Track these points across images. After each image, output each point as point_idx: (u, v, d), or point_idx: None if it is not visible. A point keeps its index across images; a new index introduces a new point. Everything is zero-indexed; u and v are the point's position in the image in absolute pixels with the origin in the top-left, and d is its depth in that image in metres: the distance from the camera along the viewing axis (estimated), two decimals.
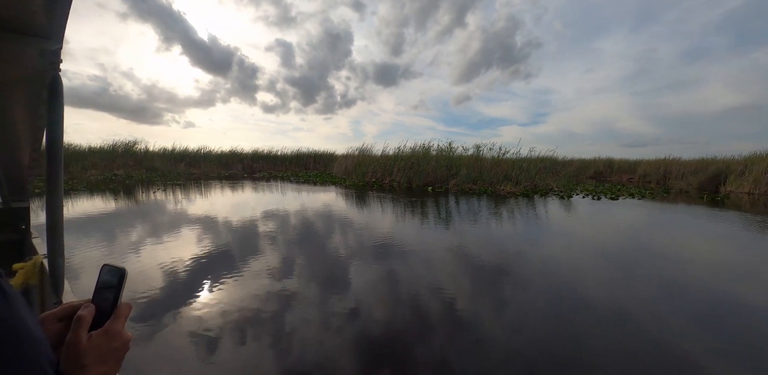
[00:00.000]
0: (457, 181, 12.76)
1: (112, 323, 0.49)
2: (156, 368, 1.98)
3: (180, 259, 3.87)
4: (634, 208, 8.74)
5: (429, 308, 2.81)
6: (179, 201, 8.18)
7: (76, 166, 16.49)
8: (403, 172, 13.55)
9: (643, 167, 20.16)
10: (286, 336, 2.32)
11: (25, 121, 1.17)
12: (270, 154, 24.68)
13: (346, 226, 5.84)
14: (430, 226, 5.97)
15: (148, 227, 5.48)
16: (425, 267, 3.80)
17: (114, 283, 0.50)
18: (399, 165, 13.85)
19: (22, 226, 1.89)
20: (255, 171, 22.60)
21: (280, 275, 3.46)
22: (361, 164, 14.94)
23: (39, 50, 0.80)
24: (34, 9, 0.69)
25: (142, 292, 2.96)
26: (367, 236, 5.11)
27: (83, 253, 3.98)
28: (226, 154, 22.74)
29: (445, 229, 5.69)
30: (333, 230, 5.51)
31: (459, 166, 13.72)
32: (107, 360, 0.47)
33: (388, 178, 13.71)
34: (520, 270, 3.75)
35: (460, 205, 8.44)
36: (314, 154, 25.89)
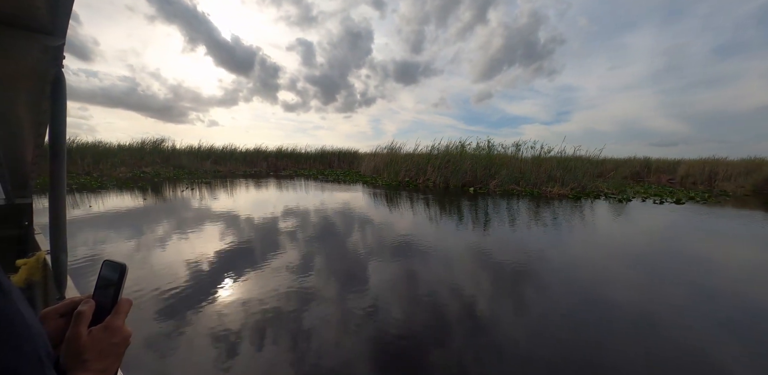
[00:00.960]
0: (498, 182, 11.93)
1: (112, 319, 0.49)
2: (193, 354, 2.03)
3: (223, 261, 3.36)
4: (713, 215, 7.74)
5: (487, 333, 2.22)
6: (211, 200, 7.71)
7: (106, 164, 16.50)
8: (438, 172, 12.80)
9: (685, 167, 18.67)
10: (327, 335, 2.19)
11: (27, 117, 1.16)
12: (294, 152, 24.38)
13: (390, 230, 5.19)
14: (488, 233, 5.25)
15: (182, 225, 5.04)
16: (491, 285, 3.09)
17: (115, 279, 0.50)
18: (434, 164, 13.11)
19: (25, 222, 1.88)
20: (279, 169, 22.32)
21: (327, 281, 3.13)
22: (393, 163, 14.26)
23: (42, 46, 0.79)
24: (37, 5, 0.69)
25: (182, 288, 2.90)
26: (414, 243, 4.45)
27: (118, 251, 3.77)
28: (251, 152, 22.52)
29: (507, 238, 4.96)
30: (375, 234, 4.87)
31: (498, 165, 12.87)
32: (107, 355, 0.47)
33: (422, 178, 12.99)
34: (610, 299, 2.99)
35: (512, 209, 7.66)
36: (338, 152, 25.44)
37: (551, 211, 7.44)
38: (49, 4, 0.69)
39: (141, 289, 2.89)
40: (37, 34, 0.76)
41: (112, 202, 7.36)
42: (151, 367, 1.91)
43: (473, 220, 6.25)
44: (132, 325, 0.54)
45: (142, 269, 3.37)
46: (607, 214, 7.42)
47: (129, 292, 2.84)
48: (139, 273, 3.26)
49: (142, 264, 3.53)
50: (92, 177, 13.57)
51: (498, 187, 11.68)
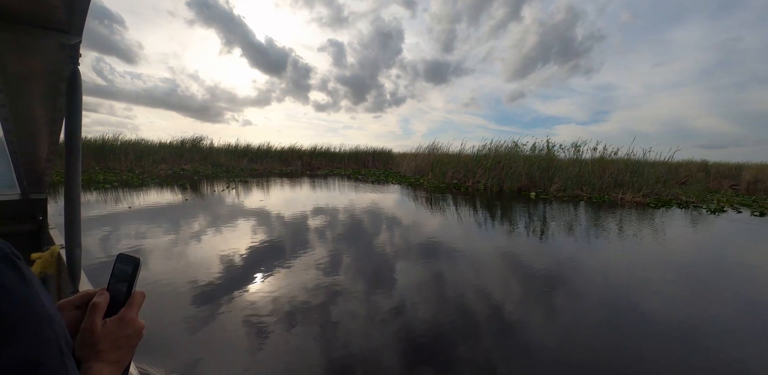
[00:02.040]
0: (559, 186, 10.75)
1: (126, 311, 0.50)
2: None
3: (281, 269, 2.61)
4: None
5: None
6: (256, 201, 7.12)
7: (147, 161, 16.64)
8: (489, 174, 11.77)
9: (752, 172, 16.43)
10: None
11: (44, 113, 1.16)
12: (328, 151, 23.92)
13: (459, 244, 4.32)
14: (579, 253, 4.27)
15: (232, 225, 4.74)
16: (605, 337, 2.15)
17: (129, 272, 0.51)
18: (484, 165, 12.09)
19: (39, 217, 1.90)
20: (314, 168, 21.91)
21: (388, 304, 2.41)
22: (438, 164, 13.33)
23: (58, 44, 0.80)
24: (54, 3, 0.70)
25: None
26: (492, 263, 3.55)
27: (169, 250, 3.45)
28: (286, 150, 22.24)
29: (609, 260, 3.96)
30: (441, 249, 4.01)
31: (556, 167, 11.68)
32: (121, 346, 0.48)
33: (471, 180, 12.00)
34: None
35: (594, 220, 6.57)
36: (372, 151, 24.78)
37: (640, 224, 6.30)
38: (66, 3, 0.71)
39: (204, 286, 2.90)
40: (54, 32, 0.77)
41: (158, 200, 6.92)
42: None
43: (554, 233, 5.27)
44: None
45: (205, 268, 3.32)
46: (715, 230, 6.20)
47: (189, 287, 2.89)
48: (202, 271, 3.21)
49: (203, 263, 3.42)
50: (134, 174, 13.55)
51: (560, 192, 10.49)
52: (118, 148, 16.79)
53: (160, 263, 3.43)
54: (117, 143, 17.27)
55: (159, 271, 3.19)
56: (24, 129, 1.28)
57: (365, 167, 23.42)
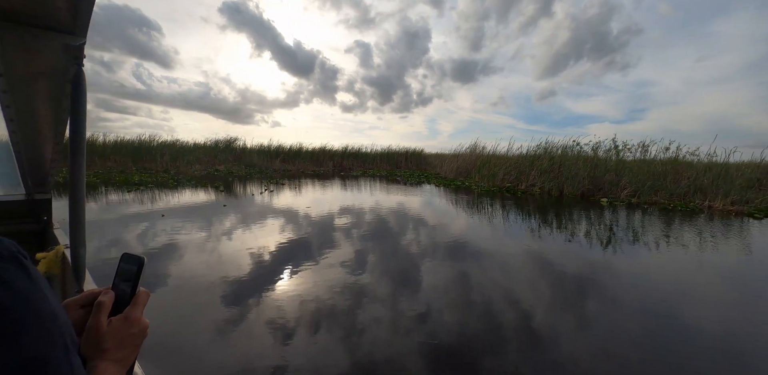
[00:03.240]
0: (631, 191, 9.48)
1: (131, 310, 0.50)
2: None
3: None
4: None
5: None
6: (299, 206, 6.44)
7: (182, 161, 16.54)
8: (545, 176, 10.63)
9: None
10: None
11: (48, 114, 1.17)
12: (359, 152, 23.27)
13: (535, 264, 3.37)
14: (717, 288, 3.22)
15: (279, 233, 3.87)
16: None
17: (133, 271, 0.51)
18: (539, 167, 10.96)
19: (44, 218, 1.90)
20: (345, 168, 21.31)
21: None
22: (486, 165, 12.27)
23: (63, 45, 0.80)
24: (59, 5, 0.70)
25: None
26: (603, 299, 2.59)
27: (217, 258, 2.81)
28: (317, 151, 21.75)
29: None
30: (514, 270, 3.08)
31: (625, 170, 10.39)
32: (126, 345, 0.49)
33: (524, 183, 10.91)
34: None
35: (705, 235, 5.42)
36: (405, 152, 23.92)
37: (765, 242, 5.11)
38: (70, 4, 0.70)
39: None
40: (59, 33, 0.77)
41: (194, 207, 6.35)
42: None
43: (663, 256, 4.21)
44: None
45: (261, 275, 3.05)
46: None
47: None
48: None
49: (264, 279, 3.01)
50: (169, 175, 13.32)
51: (634, 198, 9.20)
52: (154, 149, 16.83)
53: (217, 279, 2.73)
54: (153, 144, 17.34)
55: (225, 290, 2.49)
56: (29, 129, 1.30)
57: (397, 168, 22.60)
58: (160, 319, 2.30)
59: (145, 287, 0.53)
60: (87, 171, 10.12)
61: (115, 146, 16.55)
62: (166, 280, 2.95)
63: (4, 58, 0.85)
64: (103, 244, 3.86)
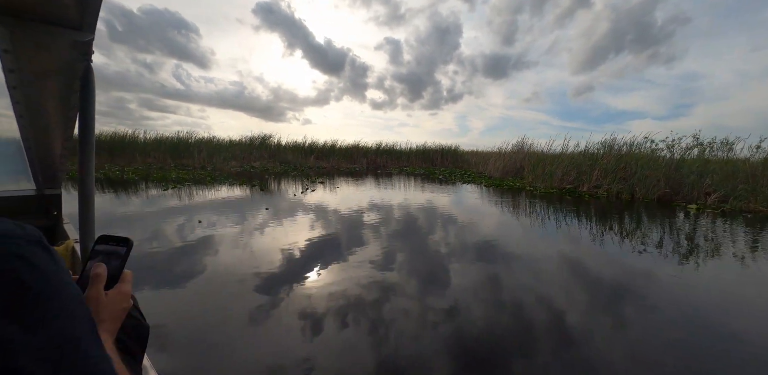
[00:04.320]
0: (719, 196, 8.17)
1: (123, 285, 0.53)
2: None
3: None
4: None
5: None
6: (347, 207, 5.82)
7: (218, 158, 16.47)
8: (611, 177, 9.45)
9: None
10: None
11: (57, 111, 1.19)
12: (393, 149, 22.54)
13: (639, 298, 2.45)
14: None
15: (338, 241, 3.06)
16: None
17: (122, 252, 0.55)
18: (603, 166, 9.77)
19: (54, 212, 1.92)
20: (379, 166, 20.66)
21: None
22: (541, 164, 11.14)
23: (71, 41, 0.80)
24: (67, 1, 0.71)
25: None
26: None
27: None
28: (351, 148, 21.21)
29: None
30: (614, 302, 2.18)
31: (704, 171, 9.03)
32: (116, 318, 0.50)
33: (586, 185, 9.77)
34: None
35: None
36: (441, 149, 22.94)
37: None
38: (78, 1, 0.71)
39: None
40: (67, 29, 0.77)
41: (234, 208, 5.84)
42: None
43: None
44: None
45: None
46: None
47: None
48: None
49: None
50: (206, 171, 13.16)
51: (724, 204, 7.89)
52: (192, 146, 16.88)
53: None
54: (191, 141, 17.42)
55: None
56: (38, 125, 1.29)
57: (433, 165, 21.70)
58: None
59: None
60: (128, 167, 9.97)
61: (154, 143, 16.73)
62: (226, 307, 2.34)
63: (14, 55, 0.85)
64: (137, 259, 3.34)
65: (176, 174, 11.63)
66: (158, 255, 3.33)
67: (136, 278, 0.59)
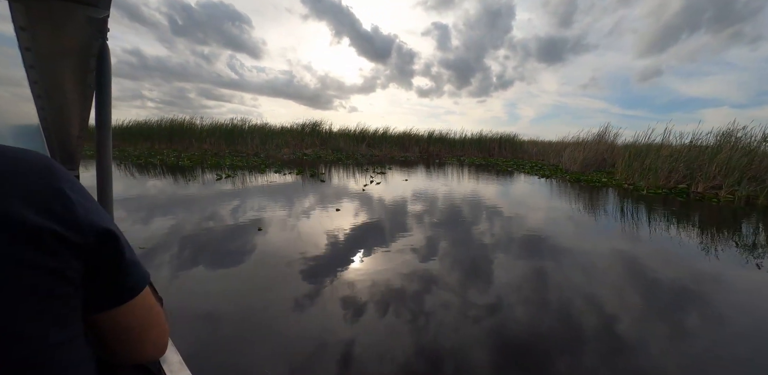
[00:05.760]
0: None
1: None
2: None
3: None
4: None
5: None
6: (428, 206, 4.88)
7: (271, 145, 16.25)
8: (737, 175, 7.65)
9: None
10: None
11: (74, 90, 1.15)
12: (446, 137, 21.20)
13: None
14: None
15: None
16: None
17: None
18: (723, 162, 7.96)
19: None
20: (432, 154, 19.51)
21: None
22: (638, 157, 9.42)
23: (86, 18, 0.79)
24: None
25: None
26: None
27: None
28: (403, 136, 20.18)
29: None
30: None
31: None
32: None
33: (702, 184, 8.04)
34: None
35: None
36: (498, 138, 21.22)
37: None
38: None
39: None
40: (82, 5, 0.76)
41: (298, 206, 5.12)
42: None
43: None
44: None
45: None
46: None
47: None
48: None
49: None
50: (259, 158, 12.83)
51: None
52: (245, 133, 16.85)
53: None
54: (245, 127, 17.40)
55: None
56: (56, 106, 1.27)
57: (490, 155, 20.16)
58: None
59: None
60: (184, 153, 9.69)
61: (210, 129, 16.86)
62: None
63: (31, 32, 0.83)
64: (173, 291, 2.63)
65: (230, 161, 11.35)
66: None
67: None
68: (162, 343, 0.49)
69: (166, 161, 10.91)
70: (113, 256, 0.38)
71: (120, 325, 0.42)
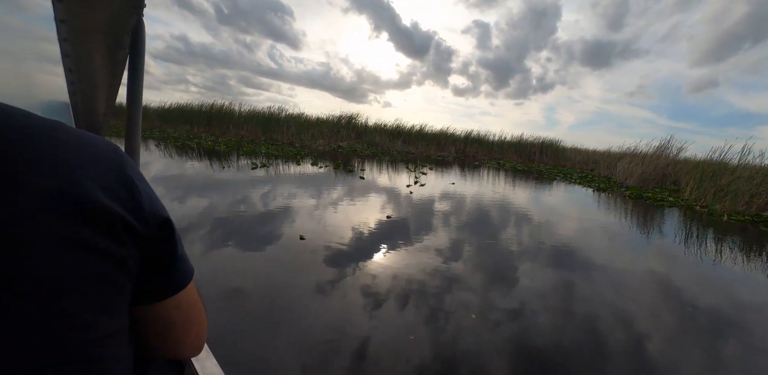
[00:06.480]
0: None
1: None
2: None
3: None
4: None
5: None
6: (487, 216, 4.33)
7: (306, 135, 16.03)
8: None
9: None
10: None
11: (104, 67, 1.13)
12: (483, 139, 20.28)
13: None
14: None
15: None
16: None
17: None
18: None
19: None
20: (468, 155, 18.73)
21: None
22: (716, 176, 8.38)
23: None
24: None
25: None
26: None
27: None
28: (439, 134, 19.47)
29: None
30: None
31: None
32: None
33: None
34: None
35: None
36: (540, 143, 20.09)
37: None
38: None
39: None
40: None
41: (346, 210, 4.70)
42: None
43: None
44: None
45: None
46: None
47: None
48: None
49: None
50: (295, 148, 12.59)
51: None
52: (281, 121, 16.75)
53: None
54: (281, 116, 17.31)
55: None
56: (85, 81, 1.24)
57: (530, 161, 19.13)
58: None
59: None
60: (221, 138, 9.56)
61: (248, 116, 16.88)
62: None
63: (66, 4, 0.79)
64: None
65: (266, 149, 11.16)
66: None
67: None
68: (200, 340, 0.47)
69: (203, 145, 10.84)
70: (168, 248, 0.37)
71: (162, 319, 0.40)
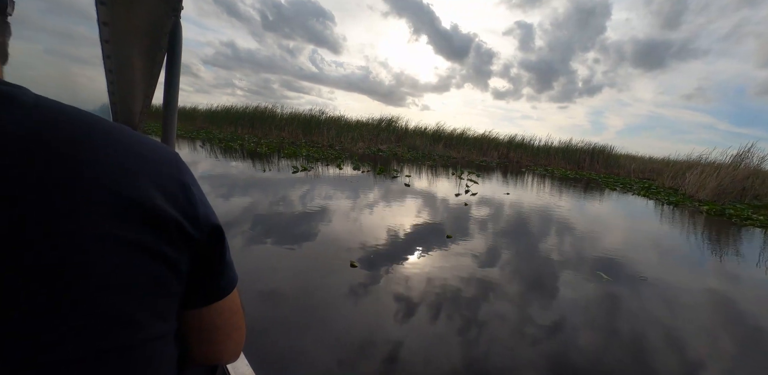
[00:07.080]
0: None
1: None
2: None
3: None
4: None
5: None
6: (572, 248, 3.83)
7: (346, 138, 15.98)
8: None
9: None
10: None
11: (142, 68, 1.15)
12: (527, 144, 19.25)
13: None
14: None
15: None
16: None
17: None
18: None
19: None
20: (512, 161, 17.83)
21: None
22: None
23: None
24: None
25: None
26: None
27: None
28: (481, 138, 18.73)
29: None
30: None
31: None
32: None
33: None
34: None
35: None
36: (591, 149, 18.74)
37: None
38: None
39: None
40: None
41: (400, 229, 4.35)
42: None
43: None
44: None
45: None
46: None
47: None
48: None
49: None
50: (335, 151, 12.47)
51: None
52: (322, 123, 16.87)
53: None
54: (322, 118, 17.45)
55: None
56: (124, 82, 1.27)
57: (579, 168, 17.89)
58: None
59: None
60: (263, 140, 9.52)
61: (290, 118, 17.15)
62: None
63: (109, 7, 0.82)
64: None
65: (306, 151, 11.10)
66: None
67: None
68: (239, 346, 0.47)
69: (245, 146, 10.97)
70: (217, 255, 0.38)
71: (206, 324, 0.40)
